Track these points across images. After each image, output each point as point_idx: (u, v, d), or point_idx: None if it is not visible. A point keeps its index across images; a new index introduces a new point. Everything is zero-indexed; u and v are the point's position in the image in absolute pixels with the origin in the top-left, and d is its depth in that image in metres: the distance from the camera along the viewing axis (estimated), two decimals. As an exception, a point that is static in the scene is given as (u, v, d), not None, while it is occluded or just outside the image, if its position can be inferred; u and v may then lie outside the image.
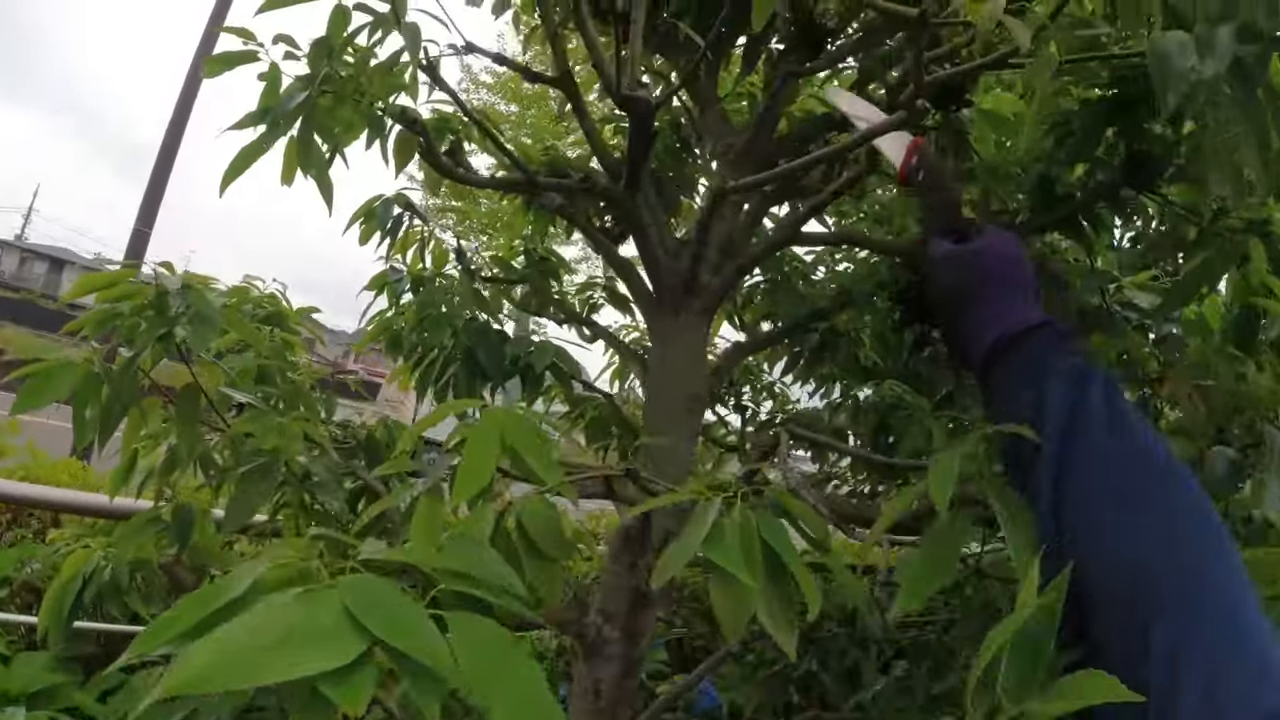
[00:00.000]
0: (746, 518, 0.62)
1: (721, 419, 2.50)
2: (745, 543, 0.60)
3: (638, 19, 1.30)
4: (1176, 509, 0.64)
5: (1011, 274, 0.89)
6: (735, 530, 0.61)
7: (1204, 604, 0.57)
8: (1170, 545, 0.61)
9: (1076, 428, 0.70)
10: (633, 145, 1.29)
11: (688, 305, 1.42)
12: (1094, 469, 0.67)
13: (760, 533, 0.61)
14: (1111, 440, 0.69)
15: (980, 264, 0.91)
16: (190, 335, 1.07)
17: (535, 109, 13.15)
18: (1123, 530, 0.63)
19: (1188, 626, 0.55)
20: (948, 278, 0.93)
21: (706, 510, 0.62)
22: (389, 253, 1.93)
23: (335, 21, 1.23)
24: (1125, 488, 0.66)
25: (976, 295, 0.89)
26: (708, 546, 0.59)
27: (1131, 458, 0.68)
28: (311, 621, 0.50)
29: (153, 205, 7.72)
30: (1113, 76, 1.42)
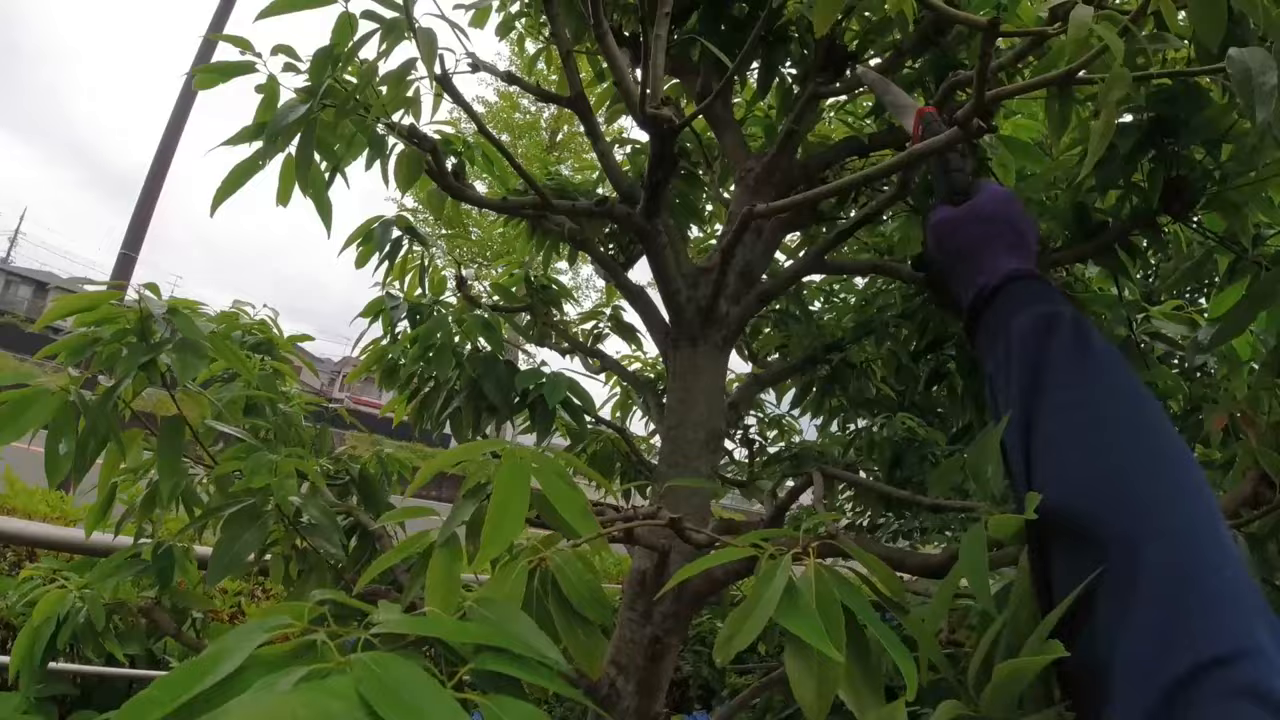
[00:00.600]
0: (823, 578, 0.54)
1: (728, 452, 2.42)
2: (825, 608, 0.52)
3: (660, 34, 1.24)
4: (1137, 442, 0.60)
5: (999, 230, 0.87)
6: (811, 594, 0.53)
7: (1163, 528, 0.53)
8: (1128, 476, 0.58)
9: (1040, 381, 0.67)
10: (654, 167, 1.21)
11: (707, 336, 1.34)
12: (1056, 421, 0.65)
13: (840, 596, 0.52)
14: (1071, 390, 0.66)
15: (970, 224, 0.89)
16: (176, 364, 0.98)
17: (526, 139, 13.20)
18: (1083, 469, 0.60)
19: (1143, 551, 0.52)
20: (942, 242, 0.91)
21: (775, 569, 0.54)
22: (385, 278, 1.85)
23: (340, 30, 1.16)
24: (1085, 430, 0.63)
25: (968, 255, 0.87)
26: (785, 615, 0.51)
27: (1090, 401, 0.65)
28: (321, 714, 0.41)
29: (139, 230, 7.61)
30: (1149, 98, 1.36)
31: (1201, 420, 1.74)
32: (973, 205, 0.90)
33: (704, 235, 2.35)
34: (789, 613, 0.51)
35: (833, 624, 0.51)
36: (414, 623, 0.49)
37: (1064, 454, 0.62)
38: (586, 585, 0.60)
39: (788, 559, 0.55)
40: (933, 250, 0.93)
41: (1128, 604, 0.51)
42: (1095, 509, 0.56)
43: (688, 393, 1.33)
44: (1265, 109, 0.76)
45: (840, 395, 2.16)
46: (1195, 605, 0.49)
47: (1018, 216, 0.89)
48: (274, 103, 1.28)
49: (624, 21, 1.74)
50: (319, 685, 0.43)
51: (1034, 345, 0.70)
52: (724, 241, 1.23)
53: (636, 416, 2.45)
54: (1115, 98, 0.82)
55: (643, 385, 1.83)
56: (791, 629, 0.50)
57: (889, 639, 0.52)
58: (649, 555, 1.26)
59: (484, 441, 0.72)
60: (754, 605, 0.52)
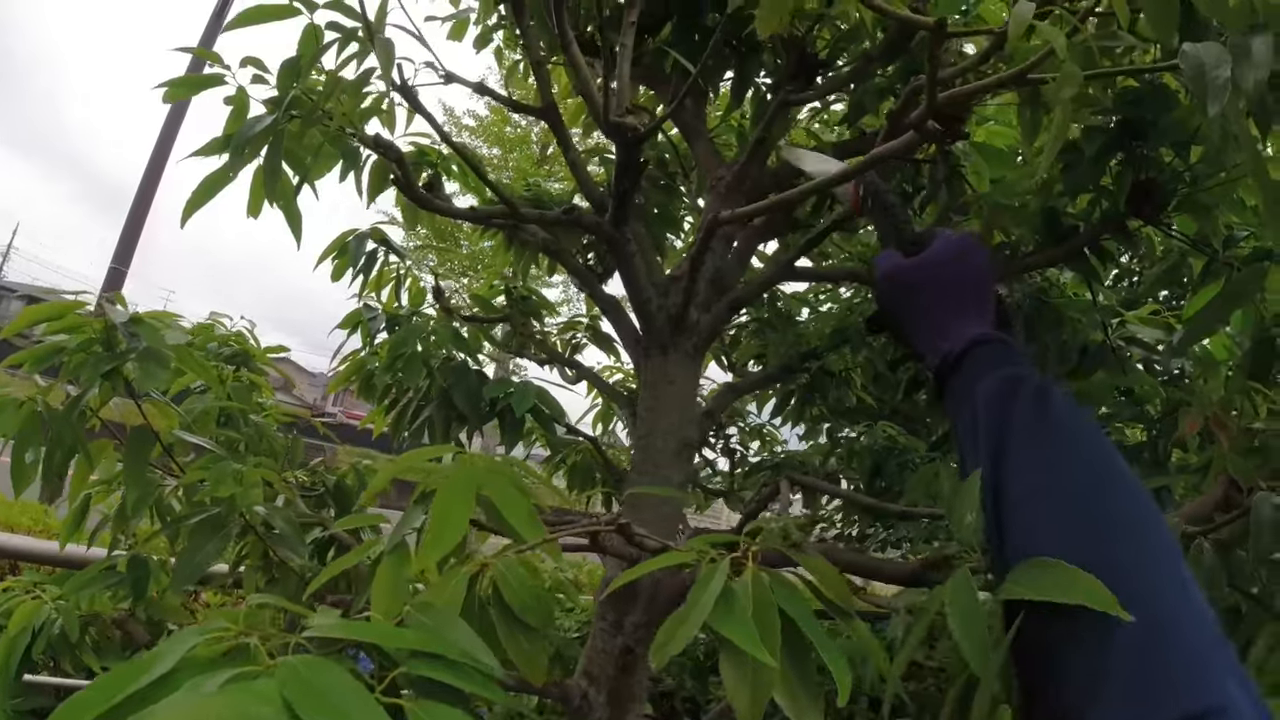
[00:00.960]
0: (760, 583, 0.54)
1: (709, 462, 2.41)
2: (761, 613, 0.52)
3: (626, 43, 1.24)
4: (1100, 505, 0.60)
5: (958, 289, 0.85)
6: (748, 598, 0.52)
7: (1130, 594, 0.52)
8: (1098, 540, 0.58)
9: (1004, 445, 0.67)
10: (620, 175, 1.22)
11: (678, 344, 1.35)
12: (1020, 485, 0.65)
13: (777, 601, 0.52)
14: (1034, 453, 0.66)
15: (927, 282, 0.86)
16: (138, 373, 0.98)
17: (517, 152, 13.20)
18: (1048, 535, 0.60)
19: (1110, 620, 0.51)
20: (891, 297, 0.89)
21: (713, 574, 0.54)
22: (362, 290, 1.85)
23: (306, 41, 1.16)
24: (1048, 494, 0.63)
25: (926, 315, 0.85)
26: (717, 618, 0.50)
27: (1053, 464, 0.65)
28: (242, 716, 0.41)
29: (130, 244, 7.59)
30: (1118, 100, 1.37)
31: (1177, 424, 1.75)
32: (927, 257, 0.87)
33: (685, 246, 2.35)
34: (724, 618, 0.51)
35: (767, 629, 0.51)
36: (346, 627, 0.48)
37: (1029, 520, 0.62)
38: (529, 591, 0.59)
39: (725, 563, 0.55)
40: (885, 302, 0.91)
41: (1101, 664, 0.51)
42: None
43: (658, 401, 1.33)
44: (1217, 103, 0.76)
45: (820, 404, 2.16)
46: (1169, 663, 0.50)
47: (975, 269, 0.86)
48: (243, 114, 1.28)
49: (595, 34, 1.75)
50: (244, 687, 0.43)
51: (997, 409, 0.70)
52: (692, 249, 1.23)
53: (621, 427, 2.45)
54: (1066, 96, 0.82)
55: (617, 396, 1.83)
56: (725, 634, 0.50)
57: (824, 644, 0.52)
58: (620, 565, 1.26)
59: (436, 447, 0.72)
60: (690, 610, 0.52)
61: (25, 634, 1.49)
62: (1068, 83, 0.83)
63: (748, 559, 0.56)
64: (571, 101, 2.05)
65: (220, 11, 7.63)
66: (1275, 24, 0.79)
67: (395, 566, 0.65)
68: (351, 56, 1.17)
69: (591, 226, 1.34)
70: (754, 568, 0.55)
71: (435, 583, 0.58)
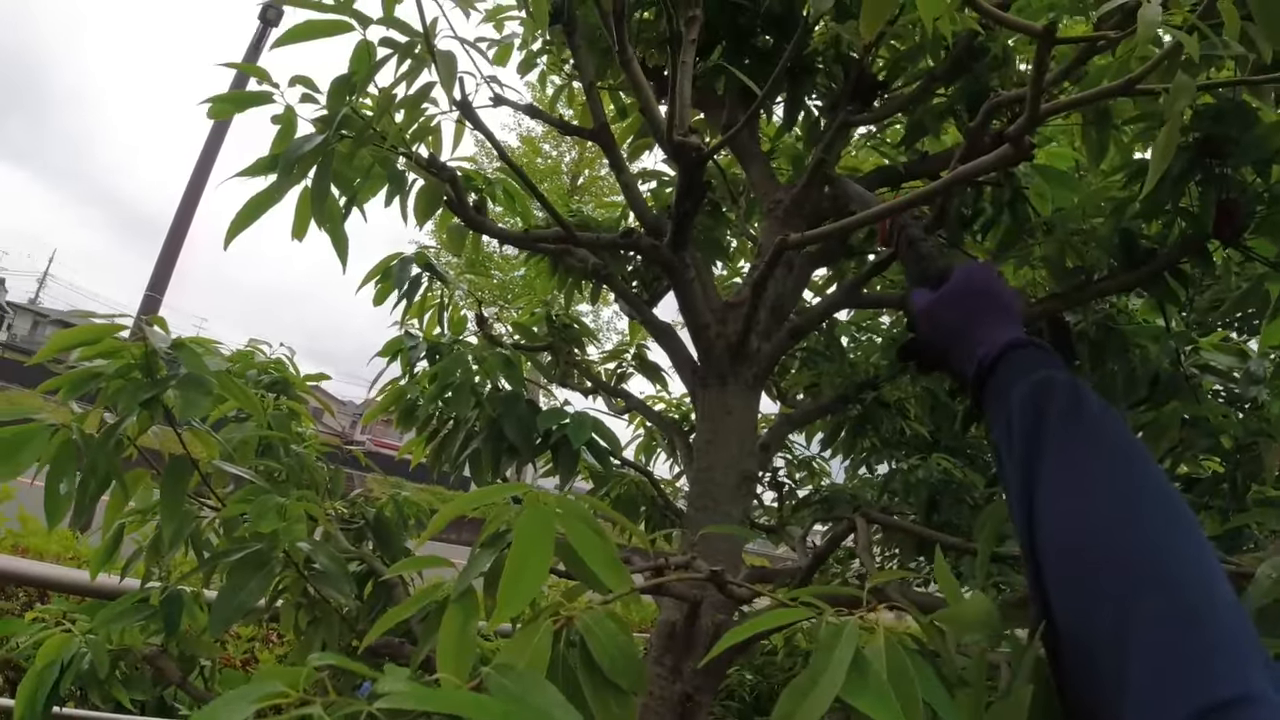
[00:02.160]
0: (894, 650, 0.47)
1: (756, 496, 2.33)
2: (899, 684, 0.45)
3: (687, 60, 1.19)
4: (1133, 493, 0.61)
5: (985, 304, 0.89)
6: (882, 665, 0.46)
7: (1157, 580, 0.54)
8: (1127, 533, 0.58)
9: (1038, 447, 0.68)
10: (681, 197, 1.16)
11: (738, 374, 1.28)
12: (1052, 484, 0.65)
13: (914, 672, 0.45)
14: (1066, 453, 0.67)
15: (954, 305, 0.91)
16: (179, 401, 0.92)
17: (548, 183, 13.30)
18: (1077, 530, 0.61)
19: (1139, 604, 0.52)
20: (933, 324, 0.93)
21: (838, 637, 0.47)
22: (404, 315, 1.80)
23: (358, 58, 1.12)
24: (1079, 492, 0.64)
25: (961, 332, 0.88)
26: (851, 690, 0.44)
27: (1084, 463, 0.66)
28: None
29: (165, 271, 7.67)
30: (1195, 117, 1.30)
31: (1257, 456, 1.66)
32: (954, 288, 0.92)
33: (727, 272, 2.30)
34: (858, 689, 0.44)
35: (908, 702, 0.44)
36: (424, 695, 0.42)
37: (1061, 515, 0.63)
38: (619, 648, 0.53)
39: (854, 626, 0.48)
40: (925, 333, 0.94)
41: (1128, 655, 0.51)
42: (1090, 568, 0.57)
43: (717, 434, 1.27)
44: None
45: (873, 435, 2.08)
46: (1195, 652, 0.50)
47: (999, 288, 0.91)
48: (290, 134, 1.24)
49: (646, 55, 1.71)
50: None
51: (1032, 412, 0.71)
52: (756, 274, 1.17)
53: (660, 459, 2.38)
54: (1179, 108, 0.76)
55: (668, 426, 1.76)
56: (862, 709, 0.43)
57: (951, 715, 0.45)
58: (679, 606, 1.19)
59: (504, 485, 0.66)
60: (816, 678, 0.45)
61: (54, 667, 1.44)
62: (1181, 94, 0.76)
63: (875, 618, 0.50)
64: (617, 127, 2.01)
65: (257, 43, 7.74)
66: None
67: (463, 617, 0.58)
68: (404, 76, 1.13)
69: (649, 250, 1.28)
70: (884, 630, 0.48)
71: (516, 638, 0.52)
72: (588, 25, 1.54)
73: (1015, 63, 1.51)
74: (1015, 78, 1.51)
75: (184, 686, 1.50)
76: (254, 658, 2.82)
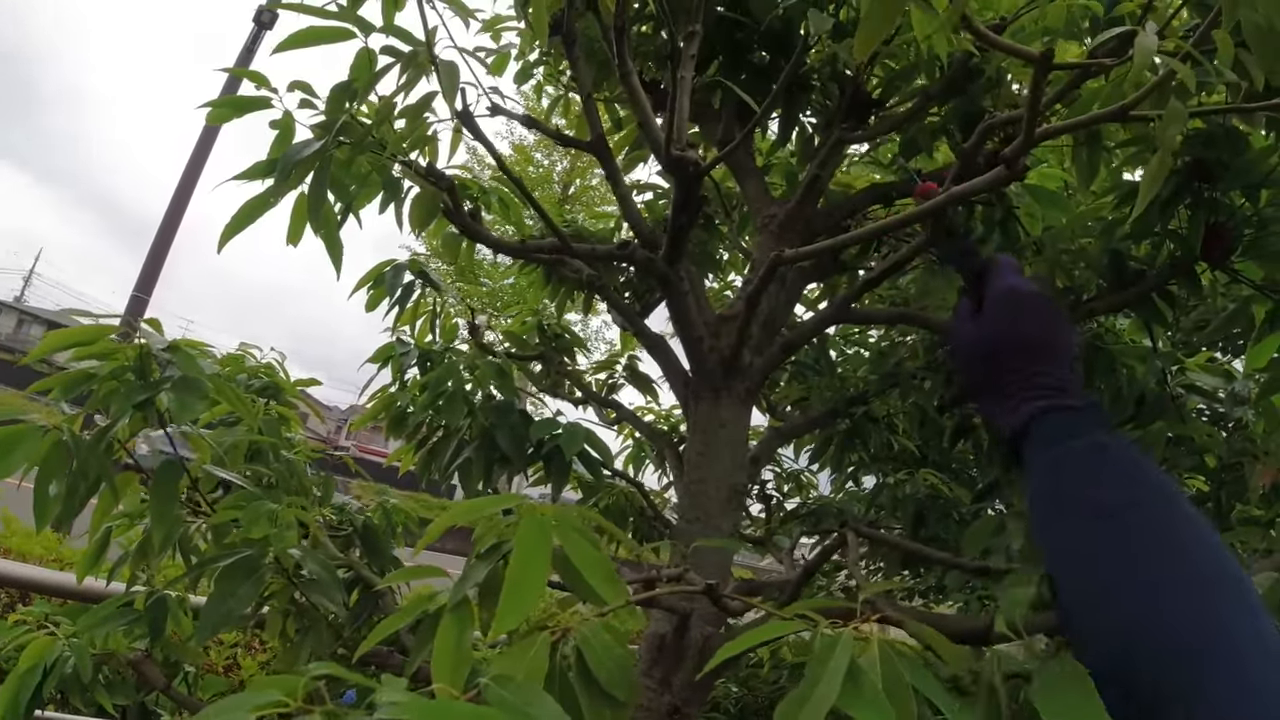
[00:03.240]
0: (889, 660, 0.47)
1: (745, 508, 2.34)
2: (894, 692, 0.45)
3: (685, 75, 1.20)
4: (1195, 573, 0.60)
5: (1017, 346, 0.84)
6: (877, 675, 0.46)
7: (1215, 656, 0.53)
8: (1170, 614, 0.57)
9: (1079, 521, 0.67)
10: (678, 210, 1.17)
11: (730, 387, 1.29)
12: (1097, 560, 0.64)
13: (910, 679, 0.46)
14: (1123, 524, 0.65)
15: (985, 346, 0.86)
16: (174, 404, 0.92)
17: (540, 191, 13.32)
18: (1134, 601, 0.60)
19: (1198, 681, 0.52)
20: (963, 366, 0.90)
21: (834, 648, 0.47)
22: (396, 323, 1.80)
23: (359, 65, 1.12)
24: (1125, 567, 0.62)
25: (989, 380, 0.85)
26: (847, 700, 0.44)
27: (1130, 533, 0.64)
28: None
29: (153, 272, 7.62)
30: (1186, 141, 1.32)
31: (1242, 475, 1.68)
32: (989, 320, 0.86)
33: (719, 285, 2.31)
34: (853, 699, 0.45)
35: (903, 711, 0.45)
36: (424, 708, 0.42)
37: (1107, 595, 0.61)
38: (615, 660, 0.53)
39: (848, 637, 0.49)
40: (960, 368, 0.93)
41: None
42: (1144, 655, 0.56)
43: (709, 446, 1.27)
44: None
45: (861, 449, 2.09)
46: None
47: (1037, 322, 0.85)
48: (288, 139, 1.24)
49: (643, 68, 1.72)
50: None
51: (1070, 480, 0.70)
52: (750, 289, 1.18)
53: (649, 470, 2.38)
54: (1172, 134, 0.77)
55: (658, 438, 1.76)
56: (859, 717, 0.44)
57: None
58: (668, 618, 1.19)
59: (500, 496, 0.66)
60: (811, 687, 0.46)
61: (36, 671, 1.43)
62: (1174, 121, 0.78)
63: (869, 629, 0.50)
64: (611, 138, 2.02)
65: (251, 45, 7.73)
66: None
67: (458, 628, 0.58)
68: (405, 85, 1.13)
69: (644, 263, 1.29)
70: (878, 638, 0.49)
71: (513, 649, 0.52)
72: (586, 38, 1.55)
73: (1009, 84, 1.53)
74: (1009, 99, 1.52)
75: (168, 692, 1.49)
76: (236, 664, 2.80)
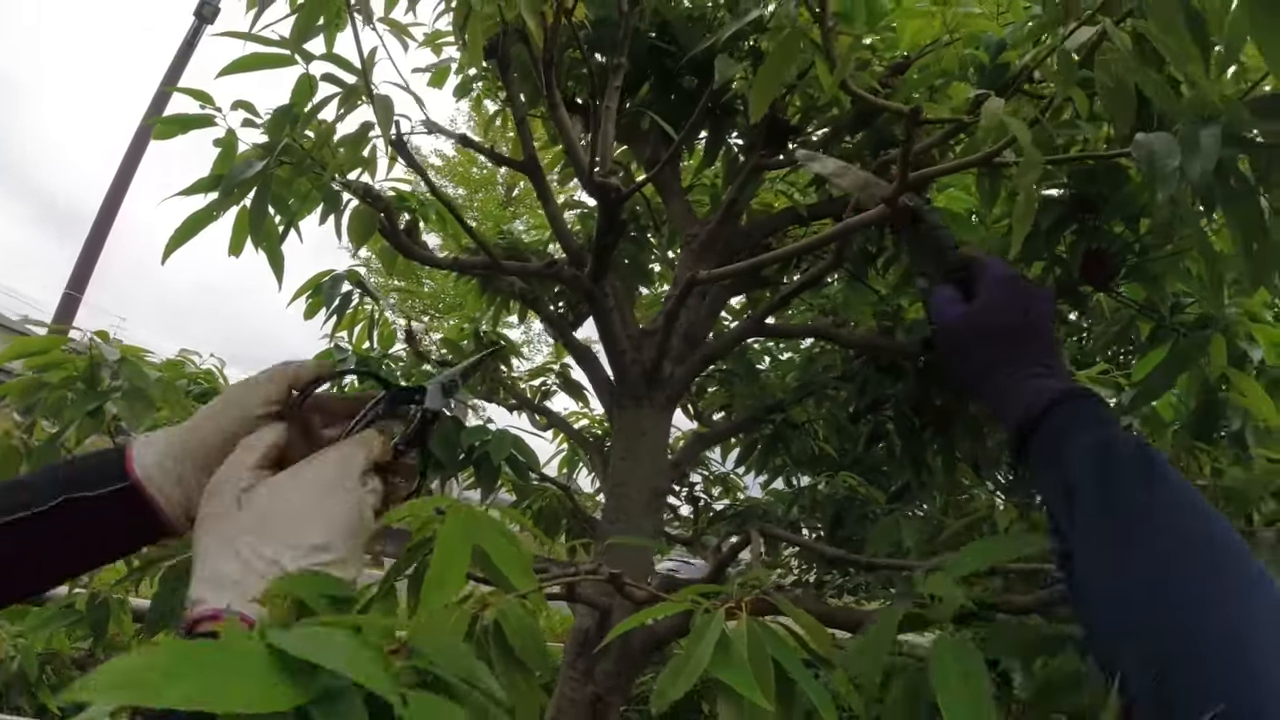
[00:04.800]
0: (754, 632, 0.57)
1: (673, 509, 2.44)
2: (756, 660, 0.55)
3: (610, 106, 1.29)
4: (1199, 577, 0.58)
5: (1017, 333, 0.80)
6: (743, 645, 0.55)
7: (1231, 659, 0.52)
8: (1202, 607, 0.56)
9: (1102, 519, 0.64)
10: (601, 232, 1.26)
11: (651, 397, 1.38)
12: (1118, 558, 0.62)
13: (770, 651, 0.55)
14: (1133, 524, 0.63)
15: (981, 332, 0.81)
16: (124, 412, 0.98)
17: (483, 193, 13.26)
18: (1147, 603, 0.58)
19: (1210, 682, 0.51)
20: (951, 349, 0.85)
21: (709, 624, 0.57)
22: (333, 330, 1.86)
23: (300, 91, 1.19)
24: (1148, 568, 0.60)
25: (987, 368, 0.80)
26: (717, 665, 0.53)
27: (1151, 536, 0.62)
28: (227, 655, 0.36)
29: (86, 270, 7.44)
30: (1072, 176, 1.45)
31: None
32: (985, 306, 0.82)
33: (653, 294, 2.40)
34: (722, 665, 0.54)
35: (762, 675, 0.54)
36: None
37: (1128, 594, 0.59)
38: (529, 631, 0.62)
39: (721, 614, 0.58)
40: (950, 354, 0.86)
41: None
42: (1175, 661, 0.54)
43: (631, 452, 1.36)
44: (1167, 190, 0.82)
45: (783, 454, 2.20)
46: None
47: (1036, 313, 0.81)
48: (232, 156, 1.30)
49: (578, 90, 1.80)
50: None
51: (1092, 477, 0.66)
52: (667, 306, 1.27)
53: (584, 473, 2.47)
54: (1028, 181, 0.88)
55: (588, 443, 1.85)
56: (724, 679, 0.53)
57: (812, 687, 0.55)
58: (591, 613, 1.28)
59: (434, 498, 0.74)
60: (688, 658, 0.55)
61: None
62: (1029, 169, 0.89)
63: (741, 609, 0.60)
64: (548, 153, 2.10)
65: (191, 40, 7.60)
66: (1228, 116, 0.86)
67: (383, 614, 0.66)
68: (342, 115, 1.21)
69: (571, 281, 1.38)
70: (747, 618, 0.58)
71: (433, 619, 0.60)
72: (521, 61, 1.63)
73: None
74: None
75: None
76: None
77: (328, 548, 0.58)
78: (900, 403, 1.66)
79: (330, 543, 0.59)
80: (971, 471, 1.92)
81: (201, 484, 0.63)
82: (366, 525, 0.63)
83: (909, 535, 1.42)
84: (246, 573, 0.55)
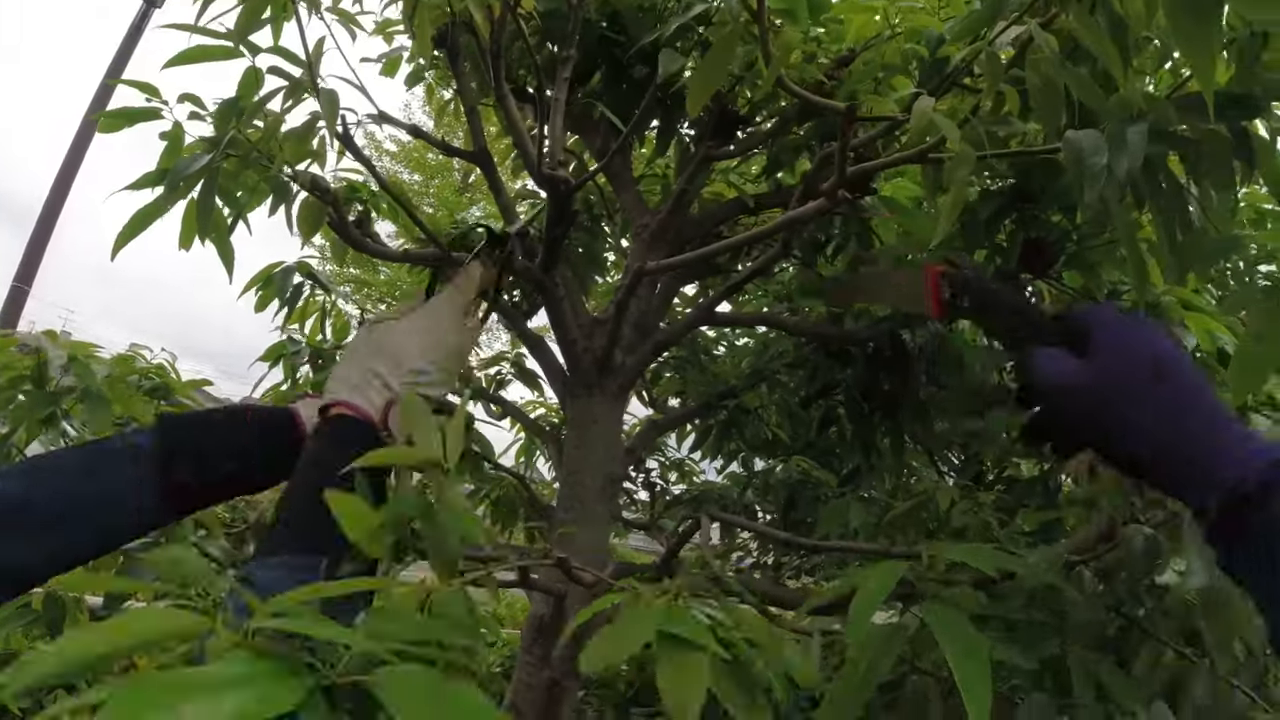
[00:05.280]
0: (678, 613, 0.59)
1: (629, 494, 2.47)
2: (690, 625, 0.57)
3: (560, 97, 1.31)
4: None
5: (1182, 392, 0.64)
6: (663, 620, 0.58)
7: None
8: None
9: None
10: (551, 224, 1.27)
11: (603, 385, 1.40)
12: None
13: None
14: None
15: (1119, 392, 0.65)
16: (86, 415, 0.98)
17: (439, 179, 13.14)
18: None
19: None
20: (1084, 411, 0.67)
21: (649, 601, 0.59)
22: (286, 322, 1.85)
23: (246, 84, 1.19)
24: None
25: (1146, 432, 0.64)
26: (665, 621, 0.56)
27: None
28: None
29: (33, 262, 7.27)
30: (1011, 169, 1.49)
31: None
32: (1111, 366, 0.66)
33: (608, 283, 2.42)
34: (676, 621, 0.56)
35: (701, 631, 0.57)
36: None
37: None
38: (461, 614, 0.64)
39: (649, 593, 0.61)
40: (1075, 416, 0.68)
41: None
42: None
43: (583, 440, 1.39)
44: (1093, 188, 0.85)
45: (738, 439, 2.24)
46: None
47: (1178, 359, 0.65)
48: (178, 149, 1.29)
49: (528, 79, 1.81)
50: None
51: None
52: (618, 295, 1.29)
53: (542, 461, 2.48)
54: (960, 176, 0.92)
55: (543, 432, 1.87)
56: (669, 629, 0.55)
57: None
58: (546, 600, 1.30)
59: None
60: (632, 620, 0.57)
61: (-71, 672, 1.45)
62: (961, 164, 0.92)
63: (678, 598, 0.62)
64: (502, 142, 2.10)
65: (139, 24, 7.43)
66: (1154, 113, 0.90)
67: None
68: (289, 108, 1.20)
69: (522, 271, 1.39)
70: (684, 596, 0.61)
71: (378, 602, 0.62)
72: (471, 52, 1.63)
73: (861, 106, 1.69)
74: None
75: (69, 689, 1.52)
76: (133, 664, 2.77)
77: (423, 371, 0.82)
78: (850, 388, 1.70)
79: (424, 369, 0.82)
80: (921, 454, 1.98)
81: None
82: (462, 354, 0.89)
83: (856, 517, 1.46)
84: (365, 382, 0.79)
